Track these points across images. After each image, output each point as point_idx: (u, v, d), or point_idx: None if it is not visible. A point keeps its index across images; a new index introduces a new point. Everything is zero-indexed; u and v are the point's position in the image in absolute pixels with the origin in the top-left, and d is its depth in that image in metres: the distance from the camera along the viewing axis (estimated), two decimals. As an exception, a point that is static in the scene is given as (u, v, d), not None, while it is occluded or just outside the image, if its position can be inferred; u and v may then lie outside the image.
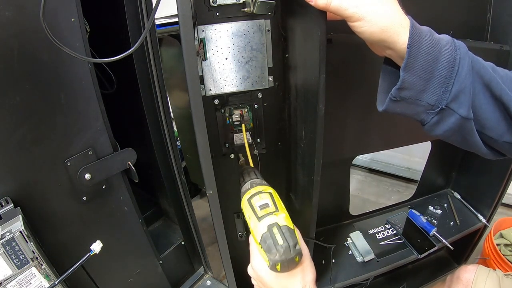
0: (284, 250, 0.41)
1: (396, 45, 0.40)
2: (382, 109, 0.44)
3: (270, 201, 0.48)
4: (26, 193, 0.58)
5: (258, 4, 0.60)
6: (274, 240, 0.42)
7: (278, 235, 0.42)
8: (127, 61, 0.66)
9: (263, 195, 0.49)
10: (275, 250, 0.41)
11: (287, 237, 0.42)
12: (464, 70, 0.39)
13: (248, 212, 0.49)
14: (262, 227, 0.44)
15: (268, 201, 0.48)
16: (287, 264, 0.42)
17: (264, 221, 0.45)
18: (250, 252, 0.51)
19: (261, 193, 0.50)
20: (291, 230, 0.44)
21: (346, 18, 0.41)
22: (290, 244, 0.42)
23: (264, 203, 0.48)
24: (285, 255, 0.41)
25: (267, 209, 0.47)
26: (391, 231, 1.08)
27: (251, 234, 0.49)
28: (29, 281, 0.54)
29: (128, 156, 0.71)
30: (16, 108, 0.53)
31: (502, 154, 0.46)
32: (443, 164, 1.16)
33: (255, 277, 0.51)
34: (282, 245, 0.41)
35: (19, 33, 0.50)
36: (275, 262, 0.41)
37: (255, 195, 0.50)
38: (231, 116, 0.74)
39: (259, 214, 0.46)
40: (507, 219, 1.22)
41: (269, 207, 0.47)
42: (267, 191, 0.51)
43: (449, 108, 0.40)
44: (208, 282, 1.13)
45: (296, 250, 0.42)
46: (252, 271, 0.51)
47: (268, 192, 0.50)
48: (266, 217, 0.45)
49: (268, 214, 0.46)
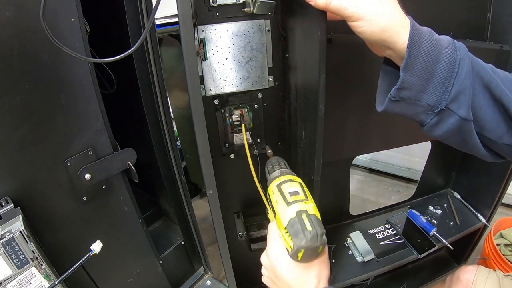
0: (312, 237, 0.41)
1: (396, 45, 0.39)
2: (381, 109, 0.44)
3: (300, 190, 0.48)
4: (26, 193, 0.58)
5: (258, 4, 0.60)
6: (302, 225, 0.42)
7: (307, 221, 0.42)
8: (127, 61, 0.66)
9: (294, 184, 0.49)
10: (302, 235, 0.41)
11: (315, 225, 0.42)
12: (464, 71, 0.39)
13: (276, 197, 0.48)
14: (290, 212, 0.44)
15: (298, 190, 0.48)
16: (310, 252, 0.42)
17: (293, 206, 0.44)
18: (268, 240, 0.50)
19: (292, 181, 0.50)
20: (319, 221, 0.44)
21: (346, 18, 0.41)
22: (319, 232, 0.41)
23: (294, 190, 0.48)
24: (312, 241, 0.41)
25: (297, 196, 0.46)
26: (391, 231, 1.08)
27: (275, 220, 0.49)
28: (29, 281, 0.54)
29: (128, 156, 0.71)
30: (16, 108, 0.53)
31: (501, 157, 0.46)
32: (443, 164, 1.16)
33: (268, 266, 0.50)
34: (310, 231, 0.41)
35: (19, 33, 0.50)
36: (299, 247, 0.41)
37: (285, 182, 0.49)
38: (231, 116, 0.74)
39: (288, 199, 0.46)
40: (507, 219, 1.22)
41: (299, 195, 0.47)
42: (297, 180, 0.51)
43: (449, 109, 0.40)
44: (208, 282, 1.13)
45: (322, 240, 0.42)
46: (266, 259, 0.50)
47: (298, 182, 0.50)
48: (296, 203, 0.45)
49: (298, 200, 0.45)
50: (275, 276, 0.49)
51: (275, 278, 0.49)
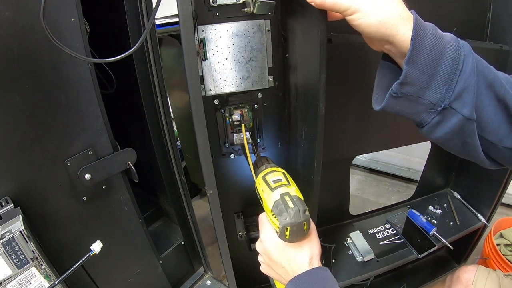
0: (295, 213, 0.44)
1: (394, 38, 0.38)
2: (379, 107, 0.42)
3: (283, 177, 0.52)
4: (26, 193, 0.58)
5: (258, 4, 0.60)
6: (285, 205, 0.45)
7: (290, 201, 0.46)
8: (127, 61, 0.66)
9: (277, 173, 0.54)
10: (286, 213, 0.44)
11: (297, 203, 0.45)
12: (468, 68, 0.37)
13: (262, 187, 0.53)
14: (275, 196, 0.48)
15: (281, 177, 0.52)
16: (296, 229, 0.45)
17: (277, 191, 0.49)
18: (259, 228, 0.53)
19: (275, 171, 0.55)
20: (301, 200, 0.47)
21: (343, 12, 0.40)
22: (301, 209, 0.45)
23: (277, 178, 0.52)
24: (295, 217, 0.44)
25: (280, 182, 0.51)
26: (391, 231, 1.08)
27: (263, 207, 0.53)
28: (29, 281, 0.54)
29: (128, 156, 0.71)
30: (16, 108, 0.53)
31: (499, 164, 0.45)
32: (443, 164, 1.16)
33: (262, 251, 0.52)
34: (292, 208, 0.44)
35: (19, 33, 0.50)
36: (285, 225, 0.44)
37: (269, 173, 0.54)
38: (231, 116, 0.74)
39: (272, 186, 0.50)
40: (507, 219, 1.22)
41: (282, 181, 0.51)
42: (280, 170, 0.55)
43: (452, 107, 0.38)
44: (208, 282, 1.13)
45: (305, 216, 0.45)
46: (260, 245, 0.52)
47: (281, 171, 0.55)
48: (279, 188, 0.49)
49: (280, 185, 0.50)
50: (269, 259, 0.51)
51: (270, 262, 0.51)
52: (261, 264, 0.54)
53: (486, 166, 0.45)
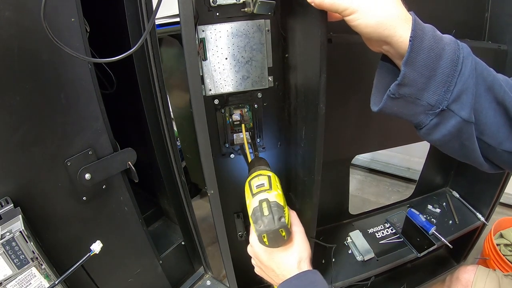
0: (268, 221, 0.44)
1: (393, 38, 0.38)
2: (377, 108, 0.42)
3: (267, 182, 0.52)
4: (26, 193, 0.58)
5: (258, 4, 0.60)
6: (261, 212, 0.45)
7: (266, 208, 0.46)
8: (127, 61, 0.66)
9: (262, 177, 0.54)
10: (260, 221, 0.44)
11: (273, 210, 0.45)
12: (467, 70, 0.37)
13: (247, 192, 0.53)
14: (254, 202, 0.48)
15: (265, 182, 0.52)
16: (273, 236, 0.45)
17: (257, 197, 0.49)
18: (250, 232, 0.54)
19: (260, 176, 0.54)
20: (279, 206, 0.47)
21: (341, 12, 0.40)
22: (275, 217, 0.44)
23: (261, 183, 0.52)
24: (269, 225, 0.44)
25: (262, 187, 0.51)
26: (391, 230, 1.08)
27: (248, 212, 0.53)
28: (29, 281, 0.54)
29: (128, 156, 0.71)
30: (16, 108, 0.53)
31: (498, 167, 0.44)
32: (442, 163, 1.16)
33: (253, 255, 0.53)
34: (267, 216, 0.44)
35: (19, 33, 0.50)
36: (260, 232, 0.44)
37: (254, 177, 0.54)
38: (231, 116, 0.75)
39: (254, 191, 0.51)
40: (507, 219, 1.22)
41: (264, 186, 0.51)
42: (266, 174, 0.55)
43: (450, 109, 0.38)
44: (208, 282, 1.13)
45: (280, 223, 0.44)
46: (251, 249, 0.53)
47: (266, 175, 0.55)
48: (259, 194, 0.49)
49: (261, 191, 0.50)
50: (260, 263, 0.52)
51: (261, 265, 0.52)
52: (256, 267, 0.55)
53: (484, 169, 0.45)
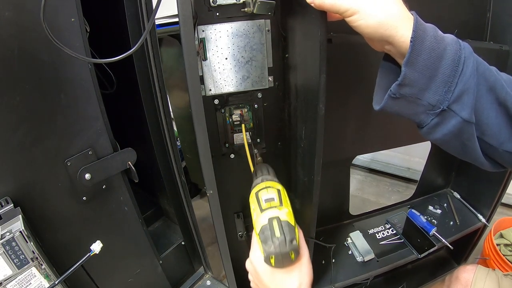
0: (280, 243, 0.41)
1: (394, 38, 0.38)
2: (379, 107, 0.42)
3: (276, 196, 0.49)
4: (26, 193, 0.58)
5: (258, 4, 0.60)
6: (272, 231, 0.42)
7: (277, 228, 0.43)
8: (127, 61, 0.66)
9: (271, 190, 0.50)
10: (270, 242, 0.42)
11: (285, 231, 0.42)
12: (468, 70, 0.37)
13: (254, 205, 0.49)
14: (263, 219, 0.45)
15: (274, 196, 0.49)
16: (281, 258, 0.42)
17: (266, 213, 0.45)
18: (251, 246, 0.51)
19: (269, 188, 0.51)
20: (291, 226, 0.44)
21: (342, 13, 0.40)
22: (287, 238, 0.42)
23: (270, 197, 0.48)
24: (280, 248, 0.41)
25: (272, 203, 0.47)
26: (391, 231, 1.08)
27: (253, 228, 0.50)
28: (29, 281, 0.54)
29: (128, 156, 0.71)
30: (16, 108, 0.53)
31: (500, 166, 0.44)
32: (443, 164, 1.16)
33: (252, 272, 0.51)
34: (278, 238, 0.42)
35: (19, 33, 0.50)
36: (269, 253, 0.42)
37: (263, 189, 0.51)
38: (231, 116, 0.74)
39: (263, 206, 0.47)
40: (507, 219, 1.22)
41: (274, 201, 0.48)
42: (275, 187, 0.51)
43: (451, 109, 0.38)
44: (208, 282, 1.13)
45: (292, 246, 0.42)
46: (250, 265, 0.50)
47: (276, 188, 0.51)
48: (269, 210, 0.46)
49: (271, 207, 0.46)
50: (258, 281, 0.49)
51: (259, 283, 0.49)
52: (252, 283, 0.53)
53: (486, 168, 0.44)
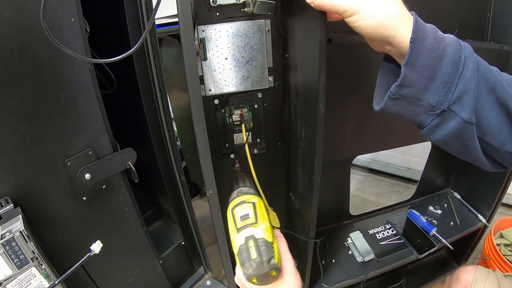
0: (257, 265, 0.40)
1: (394, 39, 0.38)
2: (379, 108, 0.42)
3: (252, 212, 0.46)
4: (26, 193, 0.58)
5: (258, 4, 0.60)
6: (248, 253, 0.41)
7: (253, 248, 0.41)
8: (127, 61, 0.66)
9: (246, 205, 0.47)
10: (248, 264, 0.41)
11: (261, 250, 0.41)
12: (469, 71, 0.37)
13: (231, 224, 0.47)
14: (240, 239, 0.43)
15: (250, 212, 0.46)
16: (262, 278, 0.41)
17: (242, 233, 0.44)
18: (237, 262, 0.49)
19: (244, 203, 0.48)
20: (268, 244, 0.42)
21: (342, 14, 0.40)
22: (264, 259, 0.40)
23: (245, 213, 0.46)
24: (258, 269, 0.40)
25: (247, 220, 0.45)
26: (391, 231, 1.08)
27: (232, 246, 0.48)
28: (29, 281, 0.54)
29: (128, 156, 0.71)
30: (16, 108, 0.53)
31: (501, 166, 0.44)
32: (443, 164, 1.16)
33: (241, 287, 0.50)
34: (254, 260, 0.40)
35: (19, 33, 0.50)
36: (249, 276, 0.41)
37: (237, 205, 0.48)
38: (231, 116, 0.74)
39: (238, 225, 0.45)
40: (507, 219, 1.22)
41: (249, 218, 0.45)
42: (250, 200, 0.49)
43: (451, 110, 0.38)
44: (208, 282, 1.13)
45: (270, 265, 0.41)
46: (238, 281, 0.50)
47: (251, 202, 0.48)
48: (245, 229, 0.44)
49: (246, 225, 0.44)
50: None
51: None
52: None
53: (487, 168, 0.44)
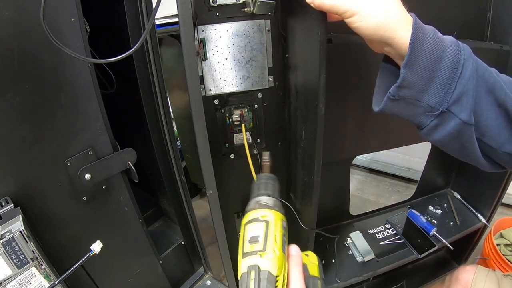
0: None
1: (393, 40, 0.38)
2: (378, 109, 0.42)
3: (262, 235, 0.42)
4: (26, 193, 0.58)
5: (258, 4, 0.60)
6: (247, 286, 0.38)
7: (253, 281, 0.38)
8: (127, 61, 0.66)
9: (258, 225, 0.43)
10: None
11: (261, 285, 0.38)
12: (468, 72, 0.37)
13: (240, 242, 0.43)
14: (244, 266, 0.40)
15: (260, 234, 0.42)
16: None
17: (247, 260, 0.40)
18: None
19: (257, 221, 0.43)
20: (270, 278, 0.39)
21: (341, 14, 0.40)
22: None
23: (255, 235, 0.42)
24: None
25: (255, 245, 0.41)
26: (391, 231, 1.08)
27: None
28: (29, 281, 0.54)
29: (128, 156, 0.71)
30: (16, 108, 0.53)
31: (500, 166, 0.44)
32: (443, 164, 1.16)
33: None
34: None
35: (19, 33, 0.50)
36: None
37: (251, 222, 0.43)
38: (231, 116, 0.74)
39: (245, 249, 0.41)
40: (507, 219, 1.22)
41: (257, 243, 0.41)
42: (265, 218, 0.43)
43: (450, 111, 0.38)
44: (208, 282, 1.13)
45: None
46: None
47: (265, 220, 0.43)
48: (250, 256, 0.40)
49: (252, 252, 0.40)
50: None
51: None
52: None
53: (486, 169, 0.44)
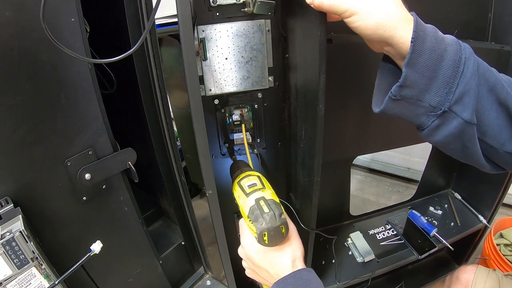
0: (270, 218, 0.44)
1: (393, 40, 0.38)
2: (379, 109, 0.42)
3: (258, 181, 0.53)
4: (26, 193, 0.58)
5: (258, 4, 0.60)
6: (260, 210, 0.45)
7: (265, 206, 0.46)
8: (127, 61, 0.66)
9: (252, 177, 0.54)
10: (261, 218, 0.45)
11: (273, 207, 0.46)
12: (469, 71, 0.37)
13: (238, 192, 0.53)
14: (250, 202, 0.48)
15: (256, 181, 0.53)
16: (274, 233, 0.45)
17: (252, 196, 0.49)
18: (240, 234, 0.53)
19: (250, 176, 0.55)
20: (276, 203, 0.47)
21: (341, 14, 0.40)
22: (276, 213, 0.45)
23: (252, 183, 0.52)
24: (271, 222, 0.44)
25: (255, 187, 0.51)
26: (392, 231, 1.08)
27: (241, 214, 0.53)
28: (29, 281, 0.54)
29: (128, 156, 0.71)
30: (16, 108, 0.53)
31: (500, 168, 0.44)
32: (444, 164, 1.16)
33: (245, 257, 0.52)
34: (268, 213, 0.45)
35: (19, 33, 0.50)
36: (262, 230, 0.44)
37: (244, 178, 0.55)
38: (231, 116, 0.74)
39: (247, 191, 0.51)
40: (507, 219, 1.22)
41: (256, 185, 0.51)
42: (254, 174, 0.56)
43: (452, 111, 0.38)
44: (208, 282, 1.13)
45: (281, 219, 0.45)
46: (242, 251, 0.52)
47: (256, 175, 0.55)
48: (254, 193, 0.49)
49: (255, 190, 0.50)
50: (253, 264, 0.51)
51: (254, 267, 0.51)
52: (247, 270, 0.55)
53: (486, 170, 0.44)
